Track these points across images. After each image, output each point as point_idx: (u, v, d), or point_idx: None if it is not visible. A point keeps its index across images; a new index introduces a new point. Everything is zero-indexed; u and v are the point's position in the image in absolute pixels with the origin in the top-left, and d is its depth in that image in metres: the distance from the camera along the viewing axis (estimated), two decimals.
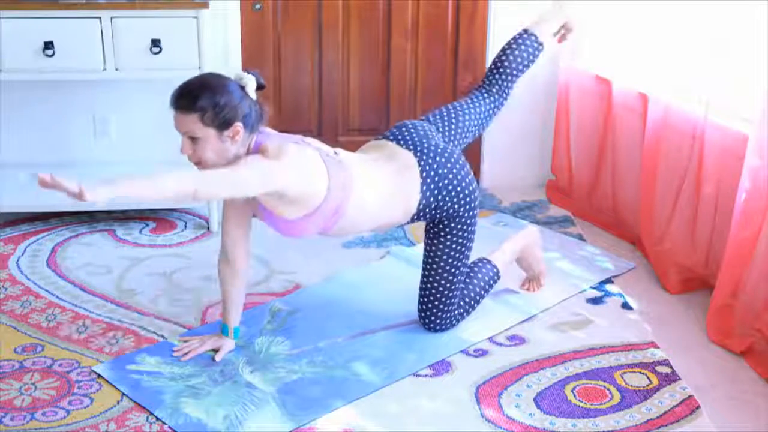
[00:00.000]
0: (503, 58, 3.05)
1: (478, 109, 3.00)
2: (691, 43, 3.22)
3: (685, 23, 3.25)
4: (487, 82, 3.05)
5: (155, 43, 3.50)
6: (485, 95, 3.02)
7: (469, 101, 3.01)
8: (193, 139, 2.49)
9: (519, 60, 3.05)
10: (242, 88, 2.54)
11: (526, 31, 3.09)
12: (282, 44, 4.17)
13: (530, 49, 3.06)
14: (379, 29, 4.19)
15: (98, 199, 2.23)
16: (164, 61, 3.53)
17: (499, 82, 3.04)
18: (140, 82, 3.97)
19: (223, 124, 2.47)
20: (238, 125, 2.49)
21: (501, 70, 3.04)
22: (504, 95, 3.05)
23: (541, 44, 3.09)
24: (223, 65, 3.98)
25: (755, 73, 2.85)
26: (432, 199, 2.75)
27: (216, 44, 3.92)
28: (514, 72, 3.05)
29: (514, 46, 3.06)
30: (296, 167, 2.49)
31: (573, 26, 3.17)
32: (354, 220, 2.67)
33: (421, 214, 2.77)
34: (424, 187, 2.73)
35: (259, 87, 2.58)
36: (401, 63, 4.25)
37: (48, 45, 3.45)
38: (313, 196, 2.54)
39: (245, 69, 2.61)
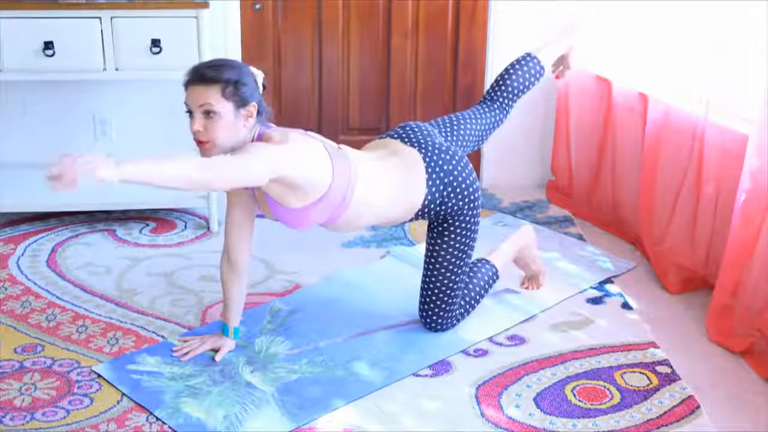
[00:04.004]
0: (506, 77, 3.12)
1: (480, 121, 3.03)
2: (691, 43, 3.22)
3: (685, 23, 3.25)
4: (489, 99, 3.11)
5: (155, 43, 3.49)
6: (487, 110, 3.07)
7: (471, 113, 3.05)
8: (208, 115, 2.46)
9: (521, 80, 3.12)
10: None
11: (529, 54, 3.16)
12: (282, 44, 4.17)
13: (533, 71, 3.14)
14: (379, 29, 4.19)
15: (108, 179, 2.15)
16: (164, 61, 3.53)
17: (501, 99, 3.09)
18: (140, 82, 3.97)
19: (241, 101, 2.48)
20: (254, 105, 2.51)
21: (504, 88, 3.10)
22: (505, 112, 3.11)
23: (542, 68, 3.17)
24: None
25: (755, 73, 2.85)
26: (437, 195, 2.75)
27: (216, 44, 3.91)
28: (516, 92, 3.12)
29: (517, 67, 3.14)
30: (302, 151, 2.51)
31: (572, 62, 3.28)
32: (359, 213, 2.68)
33: (426, 210, 2.77)
34: (430, 183, 2.73)
35: (263, 87, 2.61)
36: (401, 63, 4.25)
37: (48, 45, 3.45)
38: (318, 183, 2.53)
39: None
